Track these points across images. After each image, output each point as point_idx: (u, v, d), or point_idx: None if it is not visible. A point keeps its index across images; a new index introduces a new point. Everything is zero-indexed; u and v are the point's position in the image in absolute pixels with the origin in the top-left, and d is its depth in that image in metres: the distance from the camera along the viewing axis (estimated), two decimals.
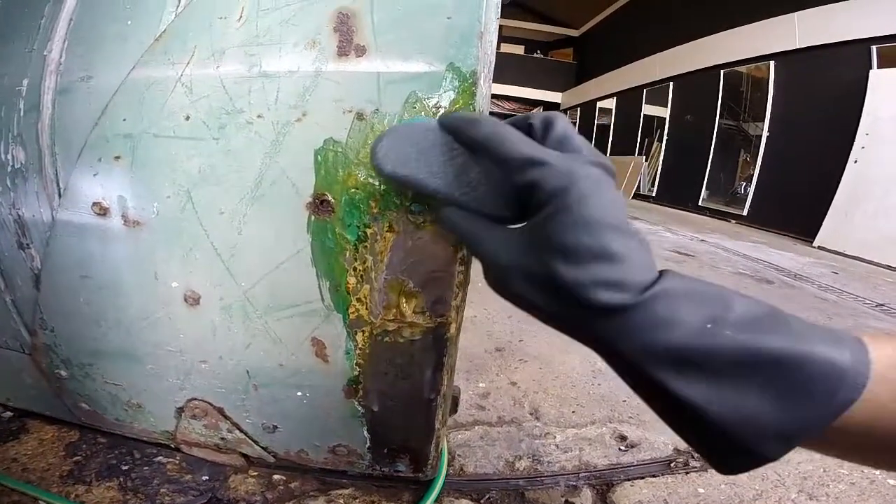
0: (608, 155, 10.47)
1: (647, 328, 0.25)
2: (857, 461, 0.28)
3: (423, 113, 0.47)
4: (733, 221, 6.50)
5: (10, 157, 0.56)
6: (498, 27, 0.50)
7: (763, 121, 6.28)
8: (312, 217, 0.51)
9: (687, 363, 0.24)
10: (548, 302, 0.28)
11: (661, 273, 0.27)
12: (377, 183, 0.49)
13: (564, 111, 13.54)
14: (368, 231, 0.50)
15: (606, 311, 0.25)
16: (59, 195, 0.56)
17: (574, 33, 13.93)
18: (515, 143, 0.30)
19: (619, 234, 0.26)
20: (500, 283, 0.31)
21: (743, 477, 0.87)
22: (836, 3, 5.25)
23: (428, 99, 0.47)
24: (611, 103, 10.86)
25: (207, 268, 0.55)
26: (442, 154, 0.36)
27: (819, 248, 4.76)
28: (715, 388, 0.24)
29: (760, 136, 6.31)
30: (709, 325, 0.24)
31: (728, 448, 0.25)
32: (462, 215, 0.35)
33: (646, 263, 0.26)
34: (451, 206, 0.35)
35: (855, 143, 4.80)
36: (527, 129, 0.33)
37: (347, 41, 0.48)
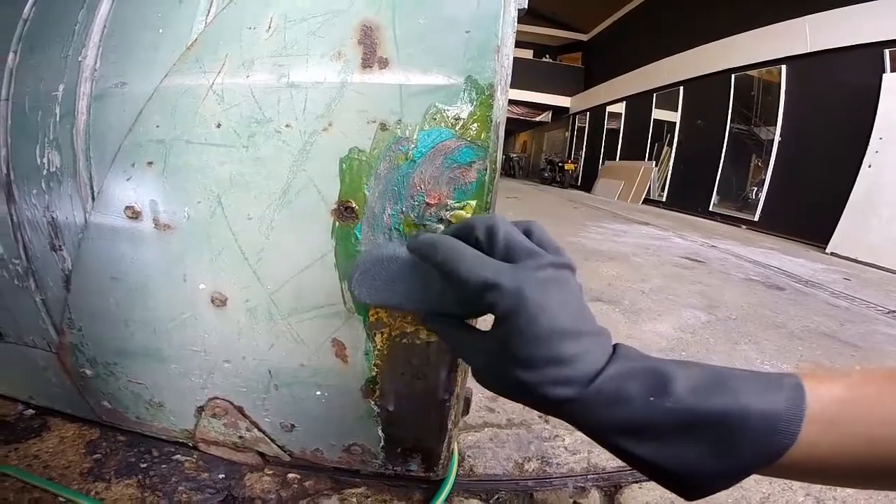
0: (618, 159, 10.43)
1: (597, 409, 0.29)
2: (801, 481, 0.32)
3: (442, 124, 0.49)
4: (744, 227, 6.45)
5: (45, 160, 0.59)
6: (514, 40, 0.52)
7: (775, 125, 6.23)
8: (337, 223, 0.53)
9: (635, 431, 0.29)
10: (518, 396, 0.32)
11: (614, 351, 0.31)
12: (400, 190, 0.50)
13: (573, 116, 13.51)
14: None
15: (562, 401, 0.30)
16: (93, 199, 0.58)
17: (583, 37, 13.92)
18: (468, 267, 0.32)
19: (566, 338, 0.30)
20: (480, 381, 0.35)
21: (750, 480, 0.86)
22: (848, 7, 5.21)
23: (447, 111, 0.49)
24: (620, 107, 10.82)
25: (235, 271, 0.57)
26: (407, 276, 0.40)
27: (832, 254, 4.71)
28: (661, 447, 0.28)
29: (772, 140, 6.26)
30: (651, 399, 0.29)
31: (686, 486, 0.29)
32: (441, 322, 0.39)
33: (594, 354, 0.30)
34: (429, 315, 0.39)
35: (868, 147, 4.75)
36: (474, 241, 0.35)
37: (371, 53, 0.49)
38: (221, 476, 0.73)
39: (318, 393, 0.62)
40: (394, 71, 0.49)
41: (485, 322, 0.37)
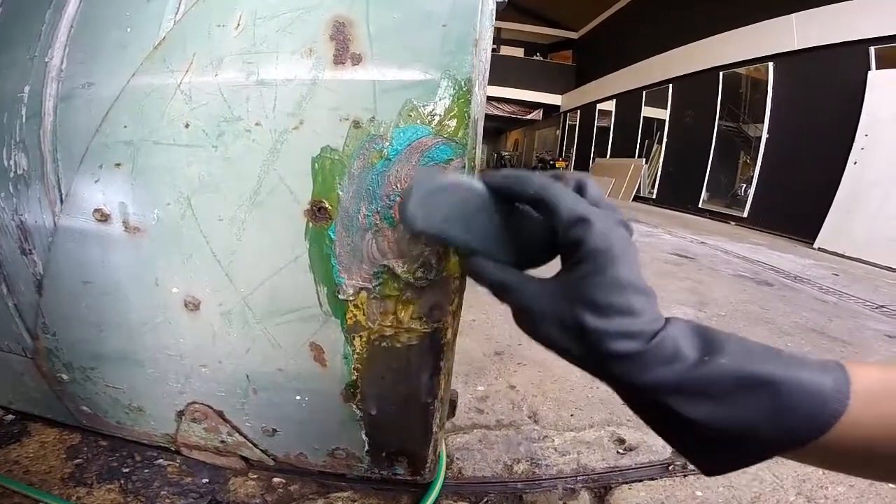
0: (609, 157, 10.47)
1: (654, 366, 0.29)
2: (838, 471, 0.31)
3: (418, 121, 0.48)
4: (733, 223, 6.49)
5: (12, 163, 0.57)
6: (493, 34, 0.51)
7: (762, 122, 6.28)
8: (310, 224, 0.52)
9: (689, 389, 0.29)
10: (574, 346, 0.32)
11: (667, 320, 0.32)
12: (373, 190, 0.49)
13: (564, 114, 13.54)
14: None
15: (623, 355, 0.30)
16: (61, 201, 0.56)
17: (573, 35, 13.94)
18: (564, 199, 0.33)
19: (639, 293, 0.31)
20: (532, 327, 0.35)
21: (741, 479, 0.87)
22: (835, 4, 5.26)
23: (423, 107, 0.48)
24: (610, 105, 10.85)
25: (207, 274, 0.56)
26: (467, 209, 0.38)
27: (819, 249, 4.75)
28: (715, 407, 0.28)
29: (760, 137, 6.30)
30: (706, 358, 0.29)
31: (719, 452, 0.30)
32: (492, 265, 0.38)
33: (656, 314, 0.31)
34: (479, 257, 0.39)
35: (854, 144, 4.80)
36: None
37: (344, 49, 0.48)
38: (205, 480, 0.72)
39: (298, 397, 0.61)
40: (367, 67, 0.48)
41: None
